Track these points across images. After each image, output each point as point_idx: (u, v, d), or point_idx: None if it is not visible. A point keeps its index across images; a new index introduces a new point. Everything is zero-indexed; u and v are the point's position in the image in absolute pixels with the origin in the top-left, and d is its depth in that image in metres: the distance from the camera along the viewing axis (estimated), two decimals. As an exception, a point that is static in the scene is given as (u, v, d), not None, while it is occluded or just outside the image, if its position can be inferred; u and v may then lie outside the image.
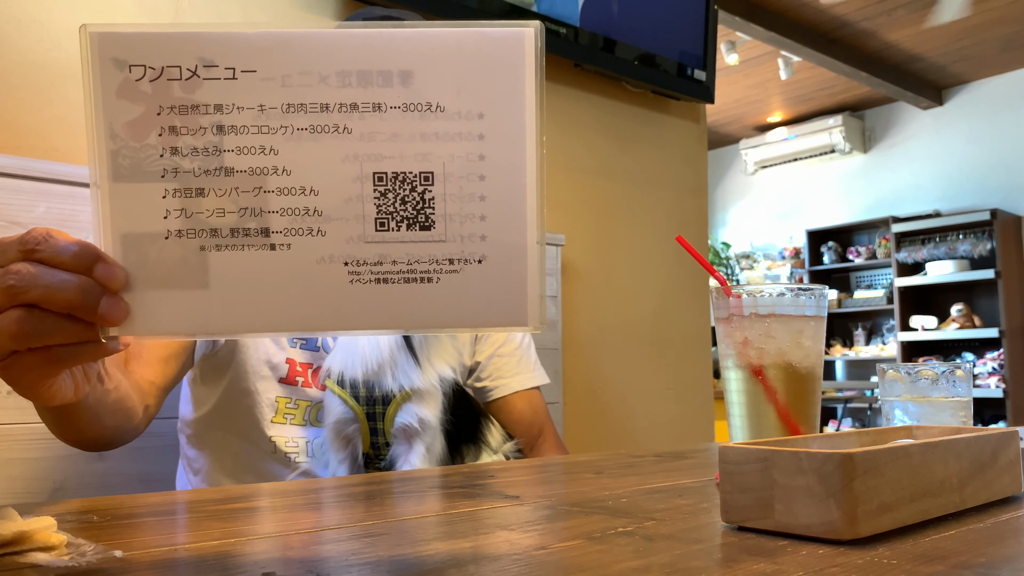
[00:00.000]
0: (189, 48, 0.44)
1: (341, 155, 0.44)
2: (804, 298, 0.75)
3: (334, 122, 0.44)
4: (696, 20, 2.12)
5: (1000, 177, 5.40)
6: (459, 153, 0.45)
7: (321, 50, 0.44)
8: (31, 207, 1.18)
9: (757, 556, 0.44)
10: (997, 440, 0.60)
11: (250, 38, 0.44)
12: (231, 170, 0.44)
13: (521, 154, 0.45)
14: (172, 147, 0.44)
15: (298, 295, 0.44)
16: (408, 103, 0.44)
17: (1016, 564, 0.44)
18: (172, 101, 0.44)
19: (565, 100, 1.96)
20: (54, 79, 1.26)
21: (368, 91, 0.44)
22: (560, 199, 1.94)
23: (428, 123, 0.45)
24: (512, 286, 0.45)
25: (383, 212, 0.45)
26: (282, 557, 0.46)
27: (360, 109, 0.44)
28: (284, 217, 0.44)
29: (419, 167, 0.45)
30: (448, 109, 0.45)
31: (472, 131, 0.45)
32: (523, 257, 0.45)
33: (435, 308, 0.45)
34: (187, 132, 0.44)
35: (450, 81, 0.45)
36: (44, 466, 1.17)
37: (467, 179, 0.45)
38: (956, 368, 0.83)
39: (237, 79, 0.44)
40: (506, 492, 0.70)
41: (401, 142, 0.45)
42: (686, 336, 2.19)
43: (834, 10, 4.31)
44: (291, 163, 0.44)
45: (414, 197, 0.45)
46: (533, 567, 0.42)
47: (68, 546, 0.43)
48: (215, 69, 0.44)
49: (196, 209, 0.44)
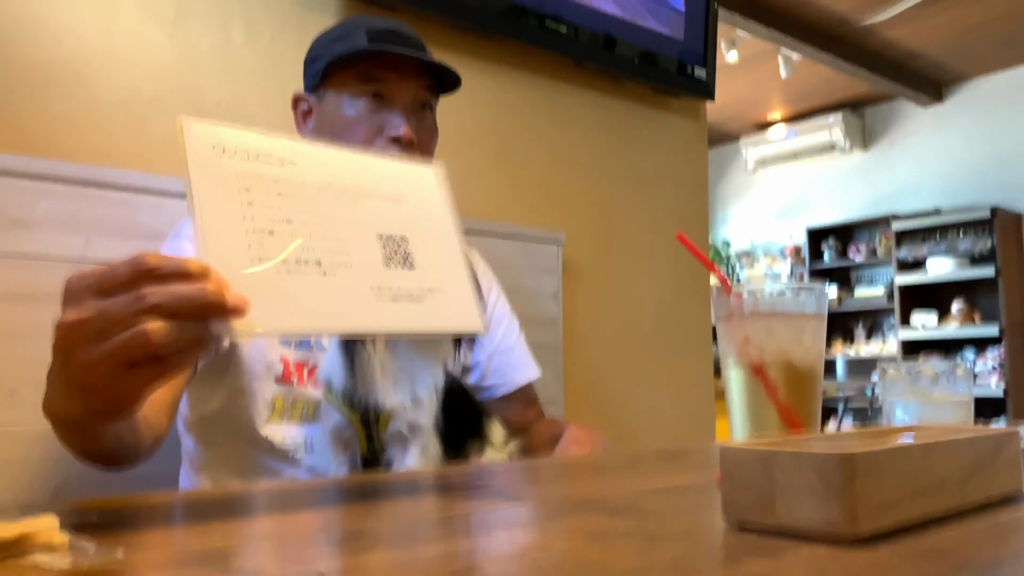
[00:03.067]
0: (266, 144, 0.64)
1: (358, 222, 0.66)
2: (804, 296, 0.75)
3: (352, 202, 0.66)
4: (696, 18, 2.12)
5: (1000, 174, 5.39)
6: (420, 228, 0.71)
7: (331, 160, 0.67)
8: (33, 206, 1.18)
9: (758, 555, 0.44)
10: (998, 439, 0.60)
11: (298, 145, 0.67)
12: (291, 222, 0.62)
13: (451, 233, 0.74)
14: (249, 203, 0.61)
15: (342, 306, 0.62)
16: (391, 198, 0.70)
17: (1017, 563, 0.44)
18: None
19: (565, 98, 1.96)
20: (56, 78, 1.26)
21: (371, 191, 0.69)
22: (560, 197, 1.94)
23: (403, 212, 0.71)
24: (467, 304, 0.69)
25: (385, 257, 0.66)
26: (282, 557, 0.46)
27: (368, 198, 0.68)
28: (327, 256, 0.62)
29: (400, 233, 0.69)
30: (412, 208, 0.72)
31: (422, 217, 0.73)
32: (468, 288, 0.69)
33: (425, 317, 0.66)
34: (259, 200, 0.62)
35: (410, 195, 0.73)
36: (45, 466, 1.17)
37: (428, 241, 0.70)
38: (957, 366, 0.83)
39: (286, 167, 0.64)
40: (506, 492, 0.70)
41: (390, 219, 0.68)
42: (687, 334, 2.19)
43: (834, 7, 4.31)
44: (328, 224, 0.64)
45: (401, 249, 0.68)
46: (533, 567, 0.42)
47: (70, 546, 0.43)
48: (270, 158, 0.64)
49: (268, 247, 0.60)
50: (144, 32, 1.35)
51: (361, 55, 1.06)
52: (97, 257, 1.22)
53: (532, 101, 1.89)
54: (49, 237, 1.19)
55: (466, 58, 1.76)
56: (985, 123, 5.48)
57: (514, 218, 1.82)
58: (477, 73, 1.78)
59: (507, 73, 1.84)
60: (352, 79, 1.07)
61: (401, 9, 1.61)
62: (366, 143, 1.05)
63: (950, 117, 5.65)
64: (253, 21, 1.47)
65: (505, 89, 1.84)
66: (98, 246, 1.23)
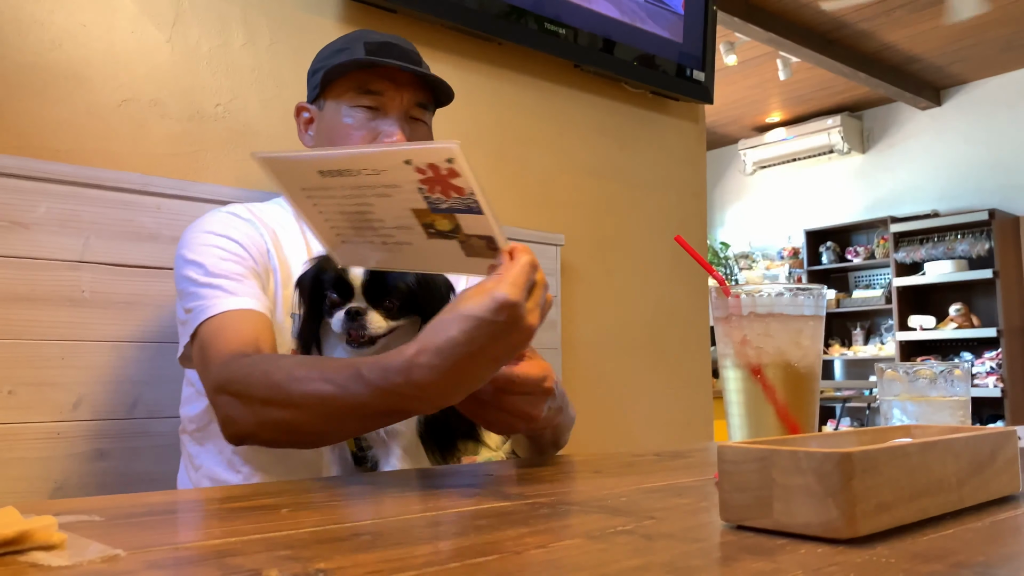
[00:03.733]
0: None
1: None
2: (802, 298, 0.75)
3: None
4: (695, 21, 2.12)
5: (998, 177, 5.40)
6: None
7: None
8: (32, 207, 1.18)
9: (756, 555, 0.44)
10: (995, 439, 0.60)
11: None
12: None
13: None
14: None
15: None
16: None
17: (1014, 563, 0.44)
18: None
19: (564, 100, 1.96)
20: (55, 80, 1.26)
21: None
22: (559, 199, 1.94)
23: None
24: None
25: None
26: (282, 557, 0.46)
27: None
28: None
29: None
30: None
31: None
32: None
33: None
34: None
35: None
36: (45, 465, 1.18)
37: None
38: (954, 368, 0.83)
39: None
40: (506, 491, 0.70)
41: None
42: (685, 336, 2.20)
43: (834, 11, 4.32)
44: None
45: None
46: (533, 566, 0.43)
47: (69, 546, 0.44)
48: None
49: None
50: (143, 34, 1.35)
51: (358, 66, 1.10)
52: (96, 258, 1.23)
53: (531, 103, 1.90)
54: (48, 238, 1.19)
55: (465, 60, 1.77)
56: (983, 126, 5.49)
57: (513, 220, 1.82)
58: (476, 75, 1.79)
59: (506, 75, 1.85)
60: (350, 89, 1.12)
61: (401, 12, 1.62)
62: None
63: (948, 120, 5.65)
64: (252, 23, 1.47)
65: (504, 91, 1.84)
66: (97, 247, 1.23)
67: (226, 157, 1.42)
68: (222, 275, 1.02)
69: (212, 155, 1.40)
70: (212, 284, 1.01)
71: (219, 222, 1.08)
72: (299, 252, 1.14)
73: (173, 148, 1.36)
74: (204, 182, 1.37)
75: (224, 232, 1.06)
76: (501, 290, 0.70)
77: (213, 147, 1.41)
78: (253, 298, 1.01)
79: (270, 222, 1.13)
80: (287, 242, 1.13)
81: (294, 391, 0.81)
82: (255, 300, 1.02)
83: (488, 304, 0.70)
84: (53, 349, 1.19)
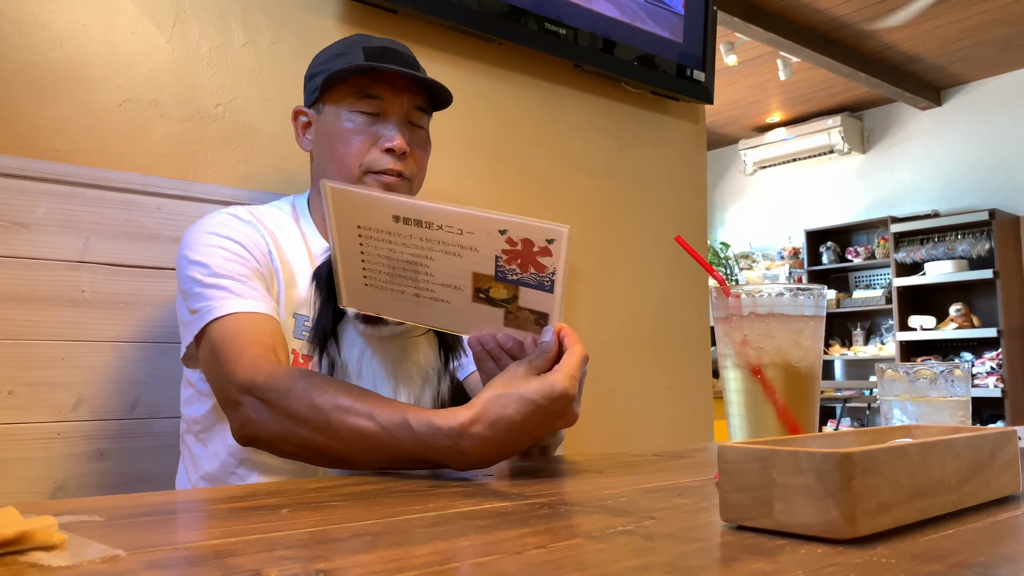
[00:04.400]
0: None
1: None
2: (803, 298, 0.75)
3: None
4: (695, 21, 2.12)
5: (998, 177, 5.40)
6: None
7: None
8: (32, 207, 1.18)
9: (756, 555, 0.44)
10: (995, 439, 0.60)
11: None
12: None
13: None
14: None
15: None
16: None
17: (1014, 563, 0.44)
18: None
19: (564, 100, 1.96)
20: (55, 80, 1.26)
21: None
22: (559, 199, 1.94)
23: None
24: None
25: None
26: (283, 557, 0.46)
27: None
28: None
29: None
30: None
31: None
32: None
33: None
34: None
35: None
36: (45, 466, 1.18)
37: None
38: (954, 368, 0.83)
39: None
40: (506, 491, 0.70)
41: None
42: (685, 336, 2.20)
43: (833, 11, 4.32)
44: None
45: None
46: (533, 567, 0.43)
47: (69, 546, 0.44)
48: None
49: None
50: (144, 34, 1.35)
51: (358, 71, 1.11)
52: (96, 258, 1.23)
53: (531, 103, 1.90)
54: (49, 238, 1.19)
55: (465, 61, 1.77)
56: (983, 126, 5.49)
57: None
58: (476, 75, 1.79)
59: (506, 76, 1.85)
60: (349, 94, 1.13)
61: (401, 12, 1.62)
62: (361, 153, 1.12)
63: (949, 120, 5.65)
64: (252, 23, 1.47)
65: (504, 91, 1.84)
66: (97, 247, 1.23)
67: (226, 157, 1.42)
68: (227, 275, 1.02)
69: (212, 155, 1.40)
70: (218, 285, 1.01)
71: (221, 223, 1.09)
72: (300, 253, 1.14)
73: (173, 148, 1.36)
74: (204, 182, 1.38)
75: (226, 233, 1.07)
76: (562, 383, 0.77)
77: (213, 147, 1.41)
78: (261, 300, 1.02)
79: (270, 224, 1.14)
80: (287, 244, 1.14)
81: (335, 419, 0.83)
82: (263, 303, 1.02)
83: (548, 392, 0.77)
84: (53, 349, 1.19)
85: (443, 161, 1.69)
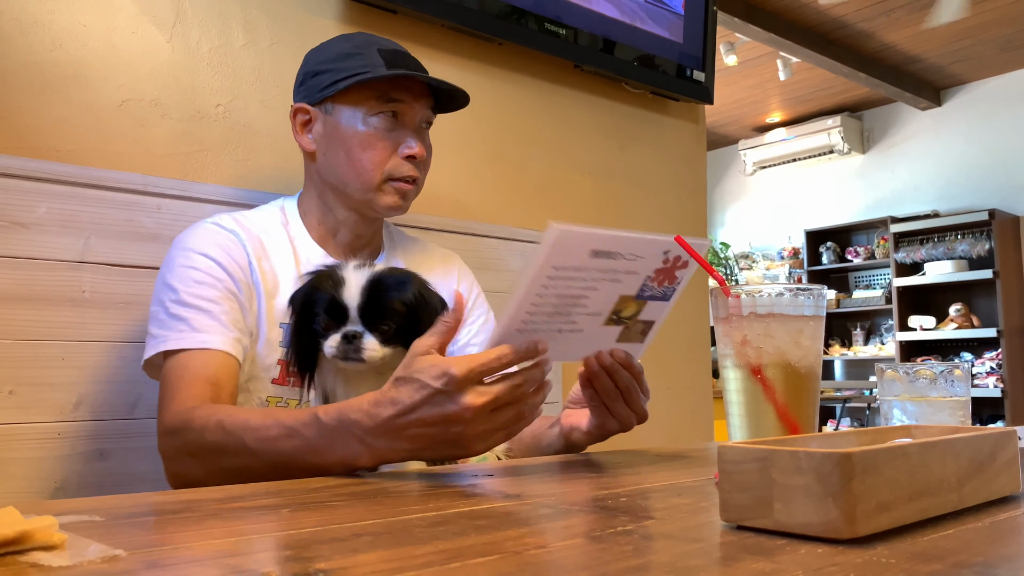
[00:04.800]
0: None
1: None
2: (803, 298, 0.75)
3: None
4: (695, 21, 2.12)
5: (998, 177, 5.40)
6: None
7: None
8: (33, 207, 1.18)
9: (756, 555, 0.44)
10: (995, 439, 0.60)
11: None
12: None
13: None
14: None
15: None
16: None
17: (1014, 563, 0.44)
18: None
19: (564, 100, 1.96)
20: (55, 80, 1.26)
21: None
22: (559, 199, 1.94)
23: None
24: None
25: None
26: (282, 557, 0.46)
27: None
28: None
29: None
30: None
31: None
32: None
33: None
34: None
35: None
36: (45, 466, 1.18)
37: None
38: (954, 368, 0.83)
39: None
40: (506, 491, 0.70)
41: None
42: (685, 336, 2.20)
43: (833, 11, 4.32)
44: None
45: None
46: (533, 566, 0.43)
47: (69, 546, 0.44)
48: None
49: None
50: (144, 34, 1.35)
51: (386, 77, 1.12)
52: (96, 258, 1.23)
53: (531, 104, 1.90)
54: (49, 238, 1.19)
55: (465, 61, 1.77)
56: (983, 126, 5.49)
57: (513, 220, 1.82)
58: (476, 76, 1.79)
59: (506, 76, 1.85)
60: (371, 98, 1.13)
61: (401, 12, 1.62)
62: (384, 160, 1.14)
63: (948, 120, 5.65)
64: (253, 23, 1.47)
65: (504, 92, 1.84)
66: (97, 247, 1.23)
67: (226, 157, 1.42)
68: (192, 304, 1.03)
69: (212, 155, 1.40)
70: (179, 315, 1.02)
71: (201, 238, 1.09)
72: (286, 260, 1.14)
73: (173, 148, 1.37)
74: (204, 182, 1.37)
75: (203, 250, 1.07)
76: (446, 364, 0.76)
77: (213, 147, 1.41)
78: (218, 333, 1.02)
79: (256, 230, 1.13)
80: (273, 250, 1.14)
81: (248, 437, 0.86)
82: (219, 335, 1.02)
83: (430, 371, 0.77)
84: (54, 349, 1.19)
85: (443, 161, 1.69)
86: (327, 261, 1.17)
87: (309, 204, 1.21)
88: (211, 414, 0.92)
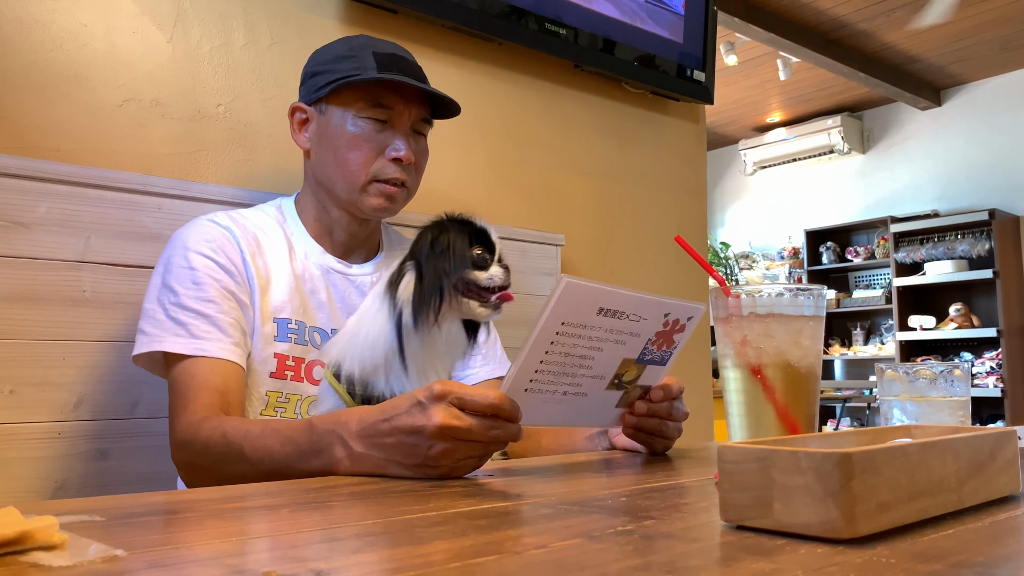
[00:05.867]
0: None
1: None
2: (802, 298, 0.75)
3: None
4: (696, 21, 2.12)
5: (998, 177, 5.40)
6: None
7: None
8: (33, 207, 1.18)
9: (756, 555, 0.44)
10: (995, 439, 0.60)
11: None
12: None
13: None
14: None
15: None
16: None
17: (1014, 563, 0.44)
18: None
19: (564, 100, 1.96)
20: (56, 80, 1.26)
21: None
22: (559, 199, 1.94)
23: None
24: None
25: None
26: (282, 557, 0.46)
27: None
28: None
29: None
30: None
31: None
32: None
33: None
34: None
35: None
36: (45, 466, 1.18)
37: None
38: (954, 368, 0.83)
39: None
40: (506, 491, 0.70)
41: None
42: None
43: (833, 11, 4.32)
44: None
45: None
46: (533, 566, 0.43)
47: (69, 546, 0.44)
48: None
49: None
50: (145, 34, 1.35)
51: (375, 80, 1.12)
52: (97, 258, 1.23)
53: (531, 103, 1.90)
54: (49, 238, 1.19)
55: (465, 60, 1.77)
56: (983, 126, 5.49)
57: (513, 220, 1.82)
58: (476, 75, 1.79)
59: (506, 76, 1.85)
60: (360, 100, 1.14)
61: (402, 12, 1.62)
62: (369, 162, 1.14)
63: (948, 120, 5.65)
64: (253, 23, 1.47)
65: (504, 91, 1.84)
66: (98, 247, 1.23)
67: (227, 157, 1.42)
68: (192, 309, 1.04)
69: (213, 155, 1.40)
70: (178, 319, 1.03)
71: (196, 236, 1.09)
72: (281, 256, 1.15)
73: (174, 148, 1.37)
74: (205, 182, 1.38)
75: (200, 249, 1.08)
76: (423, 392, 0.77)
77: (214, 147, 1.41)
78: (216, 340, 1.03)
79: (251, 227, 1.15)
80: (268, 247, 1.14)
81: (247, 445, 0.89)
82: (220, 343, 1.03)
83: (409, 395, 0.78)
84: (54, 349, 1.19)
85: (443, 161, 1.69)
86: (324, 260, 1.18)
87: (306, 202, 1.22)
88: (216, 426, 0.93)
